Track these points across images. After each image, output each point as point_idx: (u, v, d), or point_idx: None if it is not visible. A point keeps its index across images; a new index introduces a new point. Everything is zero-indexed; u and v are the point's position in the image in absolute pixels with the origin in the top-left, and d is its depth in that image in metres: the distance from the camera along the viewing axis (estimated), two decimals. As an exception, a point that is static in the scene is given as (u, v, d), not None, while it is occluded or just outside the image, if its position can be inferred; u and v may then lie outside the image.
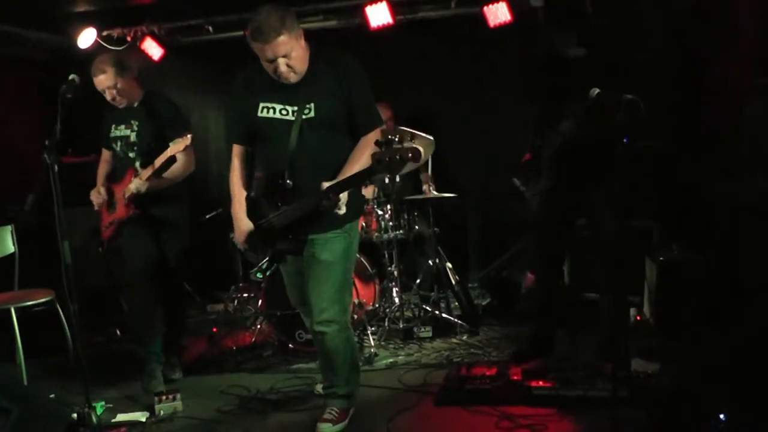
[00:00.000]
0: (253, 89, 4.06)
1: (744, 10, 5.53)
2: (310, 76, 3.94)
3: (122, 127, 5.31)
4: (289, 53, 3.78)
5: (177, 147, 4.91)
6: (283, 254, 4.21)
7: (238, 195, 4.23)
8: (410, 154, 3.50)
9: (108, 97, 5.22)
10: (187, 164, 5.26)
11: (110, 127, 5.38)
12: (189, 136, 4.92)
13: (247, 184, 4.28)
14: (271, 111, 4.00)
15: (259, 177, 4.29)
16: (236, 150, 4.28)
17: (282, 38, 3.71)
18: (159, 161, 4.99)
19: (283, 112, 3.98)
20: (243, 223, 4.18)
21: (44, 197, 4.55)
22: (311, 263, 4.14)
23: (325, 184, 3.81)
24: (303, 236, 4.08)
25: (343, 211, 3.89)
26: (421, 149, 3.53)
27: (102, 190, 5.40)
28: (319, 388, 4.89)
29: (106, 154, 5.57)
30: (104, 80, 5.10)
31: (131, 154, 5.29)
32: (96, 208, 5.45)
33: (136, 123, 5.26)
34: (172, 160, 5.02)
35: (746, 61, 5.46)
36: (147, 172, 5.05)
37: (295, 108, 3.95)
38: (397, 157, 3.51)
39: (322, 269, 4.11)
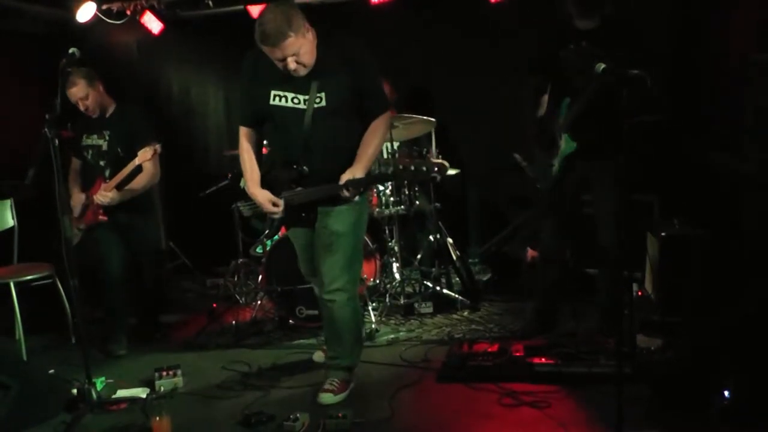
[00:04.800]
0: (264, 76, 4.11)
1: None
2: (320, 66, 4.00)
3: (94, 136, 5.59)
4: (298, 51, 3.85)
5: (143, 156, 5.27)
6: (292, 226, 4.46)
7: (250, 171, 4.31)
8: (436, 168, 4.06)
9: (81, 108, 5.49)
10: (151, 176, 5.55)
11: (82, 136, 5.64)
12: (156, 146, 5.29)
13: (257, 162, 4.37)
14: (283, 99, 4.09)
15: (266, 153, 4.53)
16: (244, 131, 4.36)
17: (290, 40, 3.78)
18: (125, 171, 5.35)
19: (295, 100, 4.07)
20: (261, 194, 4.25)
21: (44, 171, 4.54)
22: (323, 234, 4.27)
23: (345, 177, 4.01)
24: (314, 213, 4.27)
25: (357, 199, 4.15)
26: (446, 164, 4.03)
27: (82, 195, 5.63)
28: (316, 356, 5.09)
29: (75, 163, 5.80)
30: (76, 92, 5.39)
31: (102, 163, 5.56)
32: (75, 214, 5.63)
33: (108, 133, 5.55)
34: (137, 169, 5.39)
35: (748, 35, 5.42)
36: (113, 183, 5.37)
37: (306, 97, 4.03)
38: (424, 168, 4.01)
39: (333, 240, 4.23)
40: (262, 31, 3.77)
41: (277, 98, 4.10)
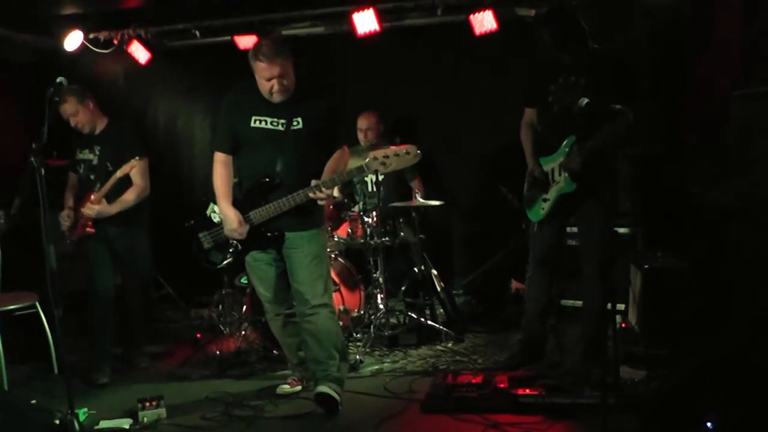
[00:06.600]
0: (245, 106, 4.61)
1: (726, 20, 5.55)
2: (297, 98, 4.56)
3: (86, 151, 5.72)
4: (285, 75, 4.41)
5: (123, 169, 5.43)
6: (256, 248, 4.77)
7: (223, 189, 4.72)
8: (406, 151, 4.37)
9: (72, 124, 5.64)
10: (141, 190, 5.68)
11: (75, 151, 5.77)
12: (136, 160, 5.47)
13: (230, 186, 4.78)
14: (264, 123, 4.58)
15: (236, 183, 4.84)
16: (221, 157, 4.77)
17: (283, 60, 4.37)
18: (109, 184, 5.48)
19: (274, 123, 4.57)
20: (232, 211, 4.65)
21: (29, 200, 4.55)
22: (297, 257, 4.69)
23: (315, 181, 4.46)
24: (279, 233, 4.67)
25: (323, 202, 4.59)
26: (415, 147, 4.34)
27: (71, 213, 5.74)
28: (285, 388, 5.10)
29: (73, 178, 5.91)
30: (67, 108, 5.56)
31: (92, 177, 5.65)
32: (63, 229, 5.73)
33: (98, 148, 5.67)
34: (129, 183, 5.59)
35: (728, 69, 5.48)
36: (99, 195, 5.48)
37: (284, 121, 4.56)
38: (395, 154, 4.37)
39: (309, 260, 4.67)
40: (262, 49, 4.35)
41: (258, 122, 4.58)
